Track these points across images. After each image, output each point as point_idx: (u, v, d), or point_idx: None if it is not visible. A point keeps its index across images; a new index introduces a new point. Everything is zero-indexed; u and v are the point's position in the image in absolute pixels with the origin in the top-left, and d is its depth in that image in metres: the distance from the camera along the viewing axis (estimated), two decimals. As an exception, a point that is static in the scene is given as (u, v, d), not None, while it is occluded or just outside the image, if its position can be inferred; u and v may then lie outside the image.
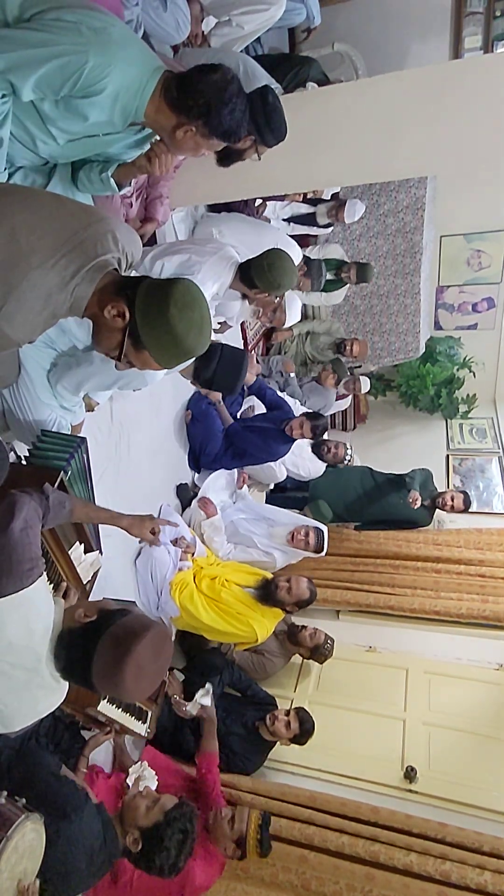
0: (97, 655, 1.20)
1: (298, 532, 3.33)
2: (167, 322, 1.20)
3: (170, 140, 1.54)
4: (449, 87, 2.08)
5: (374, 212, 4.63)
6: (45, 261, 1.10)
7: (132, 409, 2.77)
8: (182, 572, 2.88)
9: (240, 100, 1.51)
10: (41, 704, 1.27)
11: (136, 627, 1.24)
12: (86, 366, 1.66)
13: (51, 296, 1.12)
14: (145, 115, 1.50)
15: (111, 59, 1.34)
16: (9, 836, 1.28)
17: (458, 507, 3.92)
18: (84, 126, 1.48)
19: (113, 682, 1.21)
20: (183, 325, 1.21)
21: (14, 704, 1.22)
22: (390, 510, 3.99)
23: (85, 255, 1.15)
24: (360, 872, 2.25)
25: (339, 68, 4.16)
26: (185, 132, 1.50)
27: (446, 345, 5.57)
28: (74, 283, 1.15)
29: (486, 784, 2.68)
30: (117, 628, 1.24)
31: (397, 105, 2.15)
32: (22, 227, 1.09)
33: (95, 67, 1.34)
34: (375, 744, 2.91)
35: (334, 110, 2.25)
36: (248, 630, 2.83)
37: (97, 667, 1.20)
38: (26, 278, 1.07)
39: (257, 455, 3.48)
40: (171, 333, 1.21)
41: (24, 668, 1.20)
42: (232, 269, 2.61)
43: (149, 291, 1.20)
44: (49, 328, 1.21)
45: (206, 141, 1.53)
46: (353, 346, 4.61)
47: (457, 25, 4.35)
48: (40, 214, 1.13)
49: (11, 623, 1.16)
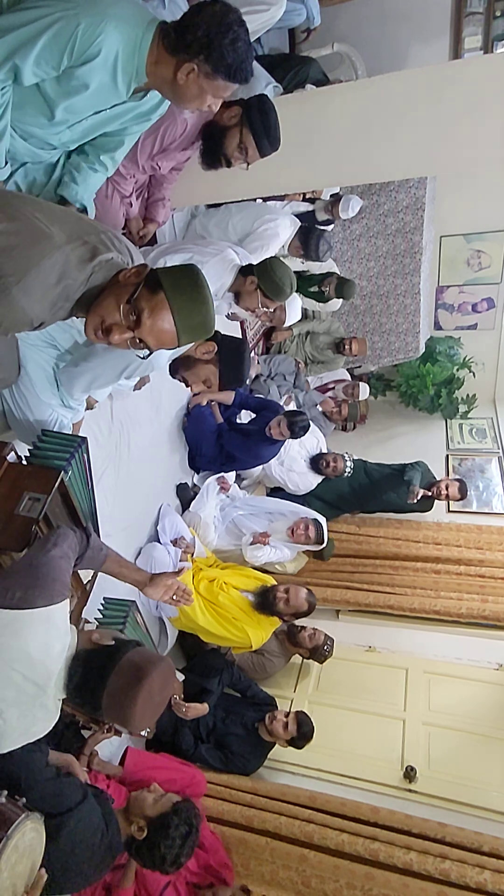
0: (114, 676, 1.29)
1: (298, 526, 3.34)
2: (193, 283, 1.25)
3: (172, 91, 1.45)
4: (449, 87, 2.08)
5: (374, 212, 4.63)
6: (66, 243, 1.12)
7: (132, 408, 2.77)
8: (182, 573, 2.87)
9: (242, 30, 1.39)
10: (36, 726, 1.28)
11: (152, 657, 1.36)
12: (90, 360, 1.66)
13: (67, 275, 1.14)
14: (147, 74, 1.43)
15: (102, 16, 1.30)
16: (9, 836, 1.28)
17: (453, 495, 3.92)
18: (87, 98, 1.43)
19: (122, 708, 1.28)
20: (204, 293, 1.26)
21: (14, 720, 1.23)
22: (388, 504, 4.00)
23: (102, 246, 1.18)
24: (360, 871, 2.25)
25: (338, 68, 4.15)
26: (186, 74, 1.39)
27: (446, 345, 5.56)
28: (92, 267, 1.16)
29: (486, 784, 2.69)
30: (132, 657, 1.33)
31: (397, 105, 2.14)
32: (40, 218, 1.11)
33: (87, 28, 1.30)
34: (375, 744, 2.92)
35: (334, 110, 2.24)
36: (242, 636, 2.83)
37: (110, 690, 1.28)
38: (49, 256, 1.09)
39: (244, 458, 3.43)
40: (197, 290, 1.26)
41: (35, 684, 1.23)
42: (233, 271, 2.63)
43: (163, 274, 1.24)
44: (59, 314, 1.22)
45: (211, 82, 1.41)
46: (353, 345, 4.61)
47: (457, 25, 4.35)
48: (54, 216, 1.16)
49: (34, 635, 1.21)
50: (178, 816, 1.74)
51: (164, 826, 1.73)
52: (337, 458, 3.91)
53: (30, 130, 1.51)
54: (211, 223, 3.08)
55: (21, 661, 1.20)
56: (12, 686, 1.20)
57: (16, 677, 1.20)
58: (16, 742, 1.25)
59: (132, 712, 1.26)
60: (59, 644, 1.27)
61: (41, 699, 1.25)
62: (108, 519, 2.50)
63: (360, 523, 4.07)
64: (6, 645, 1.20)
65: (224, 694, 2.85)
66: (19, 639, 1.20)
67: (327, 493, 3.99)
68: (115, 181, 2.14)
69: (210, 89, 1.44)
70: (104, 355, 1.64)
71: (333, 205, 4.13)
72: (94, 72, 1.37)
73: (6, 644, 1.20)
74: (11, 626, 1.20)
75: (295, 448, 3.85)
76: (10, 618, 1.20)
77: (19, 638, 1.20)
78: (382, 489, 3.99)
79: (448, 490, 3.92)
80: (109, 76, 1.40)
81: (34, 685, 1.23)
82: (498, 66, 2.04)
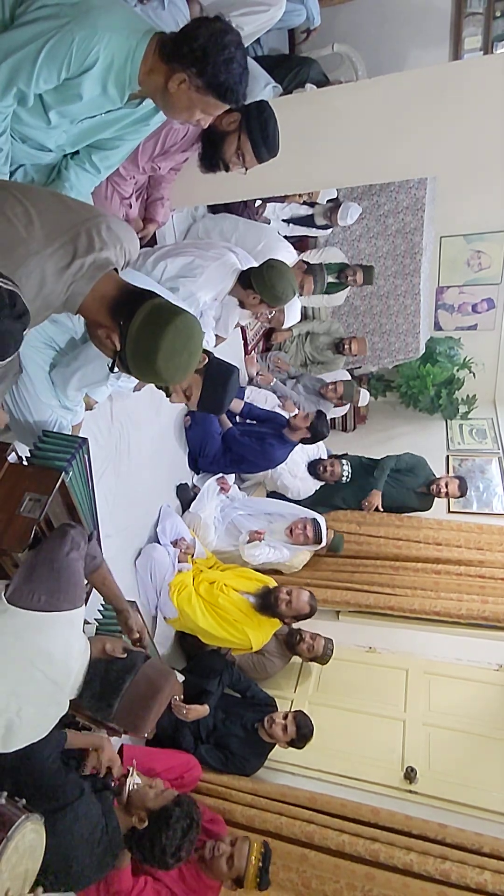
0: (131, 689, 1.40)
1: (296, 526, 3.35)
2: (153, 367, 1.18)
3: (163, 100, 1.45)
4: (449, 87, 2.08)
5: (374, 212, 4.63)
6: (43, 248, 1.08)
7: (132, 408, 2.77)
8: (181, 574, 2.88)
9: (239, 53, 1.39)
10: (46, 723, 1.33)
11: (163, 672, 1.48)
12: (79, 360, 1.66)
13: (45, 284, 1.10)
14: (140, 83, 1.42)
15: (95, 27, 1.30)
16: (9, 837, 1.28)
17: (453, 492, 3.92)
18: (81, 106, 1.43)
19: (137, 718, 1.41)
20: (169, 370, 1.19)
21: (30, 716, 1.27)
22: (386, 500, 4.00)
23: (82, 246, 1.12)
24: (361, 871, 2.25)
25: (339, 69, 4.16)
26: (177, 83, 1.38)
27: (446, 345, 5.56)
28: (71, 275, 1.12)
29: (487, 785, 2.68)
30: (148, 669, 1.45)
31: (397, 106, 2.14)
32: (20, 216, 1.08)
33: (82, 41, 1.30)
34: (375, 744, 2.91)
35: (334, 111, 2.25)
36: (242, 638, 2.82)
37: (126, 701, 1.39)
38: (24, 264, 1.06)
39: (255, 461, 3.43)
40: (156, 374, 1.20)
41: (55, 682, 1.29)
42: (233, 276, 2.63)
43: (140, 332, 1.15)
44: (38, 323, 1.20)
45: (201, 97, 1.41)
46: (353, 345, 4.61)
47: (457, 26, 4.35)
48: (38, 206, 1.12)
49: (57, 637, 1.28)
50: (181, 808, 1.76)
51: (165, 818, 1.75)
52: (334, 463, 3.90)
53: (27, 132, 1.51)
54: (214, 231, 3.09)
55: (44, 660, 1.26)
56: (33, 683, 1.26)
57: (38, 675, 1.26)
58: (25, 740, 1.28)
59: (145, 722, 1.41)
60: (78, 645, 1.34)
61: (58, 697, 1.31)
62: (108, 519, 2.50)
63: (361, 522, 4.06)
64: (31, 644, 1.25)
65: (224, 695, 2.85)
66: (43, 640, 1.26)
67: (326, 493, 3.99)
68: (115, 182, 2.14)
69: (199, 104, 1.43)
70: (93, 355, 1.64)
71: (332, 211, 4.14)
72: (89, 82, 1.37)
73: (31, 643, 1.25)
74: (36, 626, 1.26)
75: (297, 452, 3.85)
76: (36, 620, 1.26)
77: (43, 639, 1.26)
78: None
79: (448, 487, 3.92)
80: (102, 85, 1.40)
81: (53, 684, 1.28)
82: (498, 67, 2.04)
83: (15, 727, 1.25)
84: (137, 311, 1.15)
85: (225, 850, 2.12)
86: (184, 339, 1.18)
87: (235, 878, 2.09)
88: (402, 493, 4.00)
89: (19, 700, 1.24)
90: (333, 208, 4.13)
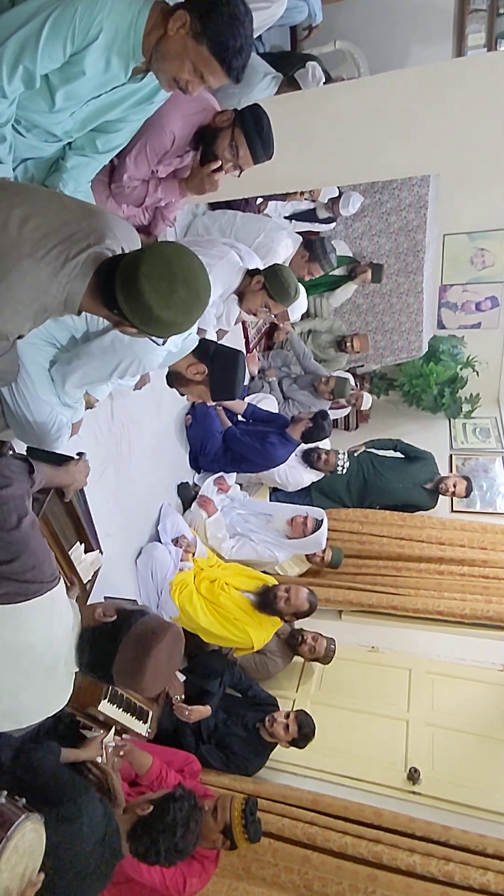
0: (119, 653, 1.30)
1: (297, 518, 3.36)
2: (161, 319, 1.14)
3: (158, 51, 1.38)
4: (452, 85, 2.06)
5: (377, 210, 4.61)
6: (36, 251, 1.07)
7: (133, 407, 2.77)
8: (182, 573, 2.87)
9: (248, 23, 1.36)
10: (51, 703, 1.32)
11: (156, 628, 1.35)
12: (82, 358, 1.65)
13: (40, 287, 1.09)
14: (143, 51, 1.38)
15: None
16: (9, 837, 1.27)
17: (460, 492, 3.91)
18: (86, 83, 1.40)
19: (133, 679, 1.32)
20: (174, 310, 1.14)
21: (28, 702, 1.26)
22: (392, 496, 3.98)
23: (76, 245, 1.11)
24: (363, 873, 2.24)
25: (341, 66, 4.13)
26: (177, 25, 1.33)
27: (449, 344, 5.54)
28: (66, 275, 1.10)
29: (490, 785, 2.67)
30: (138, 628, 1.34)
31: (400, 103, 2.13)
32: (13, 218, 1.07)
33: (84, 10, 1.28)
34: (378, 745, 2.90)
35: (336, 108, 2.23)
36: (244, 637, 2.81)
37: (119, 665, 1.30)
38: (16, 268, 1.05)
39: (256, 461, 3.42)
40: (168, 322, 1.16)
41: (45, 667, 1.25)
42: (239, 274, 2.64)
43: (126, 299, 1.12)
44: (40, 324, 1.19)
45: (195, 45, 1.34)
46: (355, 342, 4.59)
47: (460, 23, 4.34)
48: (34, 206, 1.11)
49: (35, 625, 1.21)
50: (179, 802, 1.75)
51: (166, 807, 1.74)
52: (329, 452, 3.87)
53: (33, 119, 1.49)
54: (214, 228, 3.08)
55: (26, 652, 1.21)
56: (21, 674, 1.23)
57: (24, 665, 1.22)
58: (35, 718, 1.30)
59: (143, 682, 1.31)
60: (61, 628, 1.28)
61: (52, 679, 1.28)
62: (108, 518, 2.49)
63: (363, 522, 4.05)
64: (8, 640, 1.19)
65: (225, 694, 2.84)
66: (20, 633, 1.20)
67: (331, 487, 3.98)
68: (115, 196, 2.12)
69: (192, 54, 1.36)
70: (95, 353, 1.63)
71: (334, 202, 4.13)
72: (94, 55, 1.35)
73: (8, 640, 1.19)
74: (10, 621, 1.18)
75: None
76: (7, 613, 1.17)
77: (20, 632, 1.20)
78: (388, 480, 3.98)
79: (455, 487, 3.91)
80: (106, 59, 1.37)
81: (44, 668, 1.25)
82: (501, 64, 2.03)
83: (18, 710, 1.26)
84: (115, 286, 1.12)
85: (209, 806, 2.11)
86: (165, 274, 1.11)
87: (223, 829, 2.07)
88: (409, 489, 3.98)
89: (15, 690, 1.23)
90: (335, 199, 4.12)
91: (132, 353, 1.63)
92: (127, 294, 1.12)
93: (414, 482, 4.03)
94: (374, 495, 4.04)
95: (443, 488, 3.95)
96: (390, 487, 3.97)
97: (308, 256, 3.44)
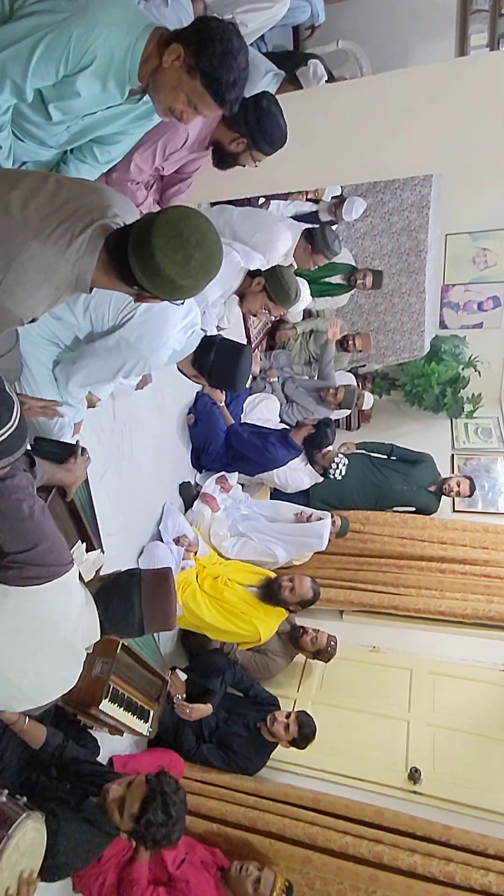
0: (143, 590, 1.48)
1: (304, 513, 3.36)
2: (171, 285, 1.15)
3: (153, 80, 1.39)
4: (454, 84, 2.06)
5: (379, 210, 4.61)
6: (41, 231, 1.08)
7: (135, 406, 2.77)
8: (185, 571, 2.87)
9: (241, 56, 1.36)
10: (73, 673, 1.40)
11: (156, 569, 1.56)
12: (86, 358, 1.65)
13: (50, 267, 1.10)
14: (140, 77, 1.39)
15: (93, 23, 1.28)
16: (10, 835, 1.28)
17: (463, 492, 3.91)
18: (81, 102, 1.41)
19: (161, 608, 1.50)
20: (185, 278, 1.15)
21: (50, 674, 1.34)
22: (394, 499, 3.97)
23: (80, 222, 1.11)
24: (364, 873, 2.24)
25: (343, 66, 4.13)
26: (172, 58, 1.34)
27: (451, 344, 5.54)
28: (74, 252, 1.11)
29: (491, 786, 2.66)
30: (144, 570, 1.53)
31: (402, 102, 2.13)
32: (14, 201, 1.08)
33: (80, 37, 1.28)
34: (379, 745, 2.90)
35: (338, 108, 2.23)
36: (250, 629, 2.82)
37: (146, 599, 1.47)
38: (24, 249, 1.06)
39: (256, 460, 3.41)
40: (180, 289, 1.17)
41: (64, 639, 1.33)
42: (240, 275, 2.64)
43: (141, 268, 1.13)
44: (54, 306, 1.20)
45: (189, 80, 1.35)
46: (357, 341, 4.59)
47: (462, 23, 4.33)
48: (32, 188, 1.12)
49: (55, 604, 1.30)
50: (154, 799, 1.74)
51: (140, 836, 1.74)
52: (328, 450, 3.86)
53: (29, 129, 1.49)
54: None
55: (48, 627, 1.30)
56: (46, 647, 1.31)
57: (47, 638, 1.30)
58: (53, 695, 1.37)
59: (171, 610, 1.49)
60: (77, 603, 1.36)
61: (72, 652, 1.37)
62: (110, 518, 2.49)
63: (365, 522, 4.05)
64: (34, 617, 1.28)
65: (226, 693, 2.84)
66: (44, 611, 1.28)
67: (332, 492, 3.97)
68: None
69: (186, 87, 1.37)
70: (100, 353, 1.64)
71: (337, 206, 4.12)
72: (88, 78, 1.35)
73: (34, 616, 1.28)
74: (34, 600, 1.27)
75: None
76: (34, 594, 1.26)
77: (43, 611, 1.28)
78: (393, 481, 3.97)
79: (459, 487, 3.91)
80: (102, 82, 1.38)
81: (63, 640, 1.33)
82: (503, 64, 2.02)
83: (39, 686, 1.33)
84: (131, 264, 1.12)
85: (253, 872, 2.13)
86: (179, 243, 1.11)
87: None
88: (413, 492, 3.97)
89: (34, 667, 1.30)
90: (338, 203, 4.11)
91: (137, 354, 1.63)
92: (145, 271, 1.13)
93: (417, 485, 4.02)
94: (378, 499, 4.02)
95: (446, 489, 3.95)
96: (395, 489, 3.96)
97: (311, 248, 3.41)
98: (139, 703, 2.27)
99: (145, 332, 1.61)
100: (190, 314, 1.74)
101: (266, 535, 3.32)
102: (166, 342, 1.67)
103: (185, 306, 1.71)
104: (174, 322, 1.67)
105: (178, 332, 1.72)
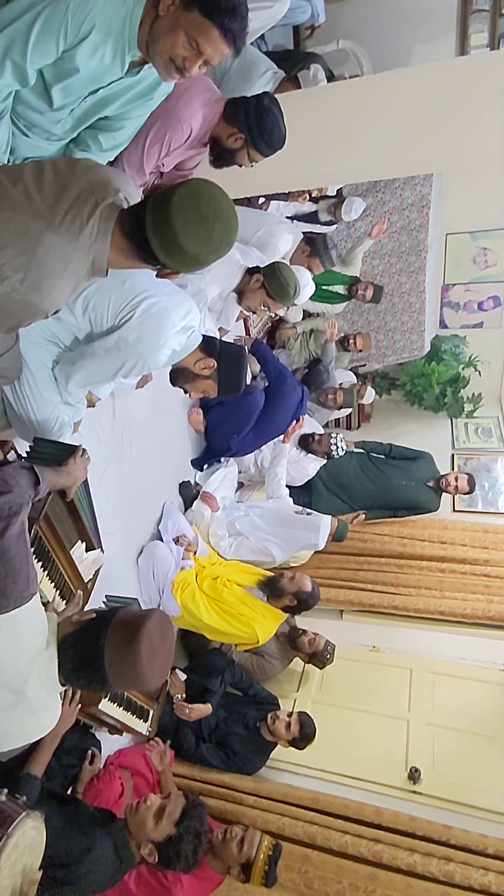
0: (108, 642, 1.19)
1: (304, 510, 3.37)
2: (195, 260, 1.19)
3: (151, 35, 1.34)
4: (455, 83, 2.06)
5: (379, 209, 4.61)
6: (52, 221, 1.09)
7: (134, 406, 2.77)
8: (184, 571, 2.87)
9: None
10: (29, 726, 1.22)
11: (141, 612, 1.28)
12: (86, 358, 1.65)
13: (67, 256, 1.11)
14: (139, 42, 1.35)
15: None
16: (9, 834, 1.27)
17: (462, 488, 3.90)
18: (81, 78, 1.39)
19: (128, 667, 1.19)
20: (209, 253, 1.19)
21: (2, 726, 1.18)
22: (395, 496, 3.97)
23: (85, 206, 1.12)
24: (364, 872, 2.24)
25: (344, 65, 4.13)
26: (167, 3, 1.29)
27: (452, 343, 5.54)
28: (87, 237, 1.12)
29: (491, 785, 2.66)
30: (122, 615, 1.26)
31: (403, 102, 2.13)
32: (20, 196, 1.08)
33: (76, 7, 1.26)
34: (379, 744, 2.90)
35: (339, 107, 2.23)
36: (248, 631, 2.81)
37: (109, 654, 1.19)
38: (40, 242, 1.07)
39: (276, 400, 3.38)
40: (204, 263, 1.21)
41: (10, 691, 1.15)
42: (239, 272, 2.64)
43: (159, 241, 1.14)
44: (74, 294, 1.20)
45: (185, 14, 1.29)
46: (357, 340, 4.59)
47: (463, 22, 4.31)
48: (34, 180, 1.11)
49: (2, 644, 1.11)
50: (185, 838, 1.73)
51: (174, 850, 1.73)
52: (322, 435, 3.87)
53: (32, 119, 1.48)
54: None
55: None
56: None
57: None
58: (16, 743, 1.23)
59: (139, 671, 1.18)
60: (32, 645, 1.17)
61: (23, 703, 1.17)
62: (110, 517, 2.49)
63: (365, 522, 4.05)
64: None
65: (226, 693, 2.84)
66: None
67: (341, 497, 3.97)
68: None
69: (184, 23, 1.30)
70: (99, 353, 1.64)
71: (336, 206, 4.12)
72: (87, 50, 1.33)
73: None
74: None
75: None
76: None
77: None
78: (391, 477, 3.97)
79: (457, 482, 3.90)
80: (101, 53, 1.36)
81: (10, 692, 1.15)
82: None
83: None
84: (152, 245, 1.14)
85: (237, 833, 2.12)
86: (199, 219, 1.14)
87: (244, 863, 2.06)
88: (413, 487, 3.97)
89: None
90: (337, 203, 4.11)
91: (136, 354, 1.63)
92: (170, 252, 1.16)
93: (417, 479, 4.01)
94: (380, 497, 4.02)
95: (444, 484, 3.93)
96: (394, 484, 3.95)
97: (309, 252, 3.43)
98: (139, 702, 2.28)
99: (144, 333, 1.61)
100: (189, 315, 1.75)
101: (263, 535, 3.32)
102: (165, 343, 1.67)
103: (184, 307, 1.72)
104: (173, 323, 1.67)
105: (177, 333, 1.72)
